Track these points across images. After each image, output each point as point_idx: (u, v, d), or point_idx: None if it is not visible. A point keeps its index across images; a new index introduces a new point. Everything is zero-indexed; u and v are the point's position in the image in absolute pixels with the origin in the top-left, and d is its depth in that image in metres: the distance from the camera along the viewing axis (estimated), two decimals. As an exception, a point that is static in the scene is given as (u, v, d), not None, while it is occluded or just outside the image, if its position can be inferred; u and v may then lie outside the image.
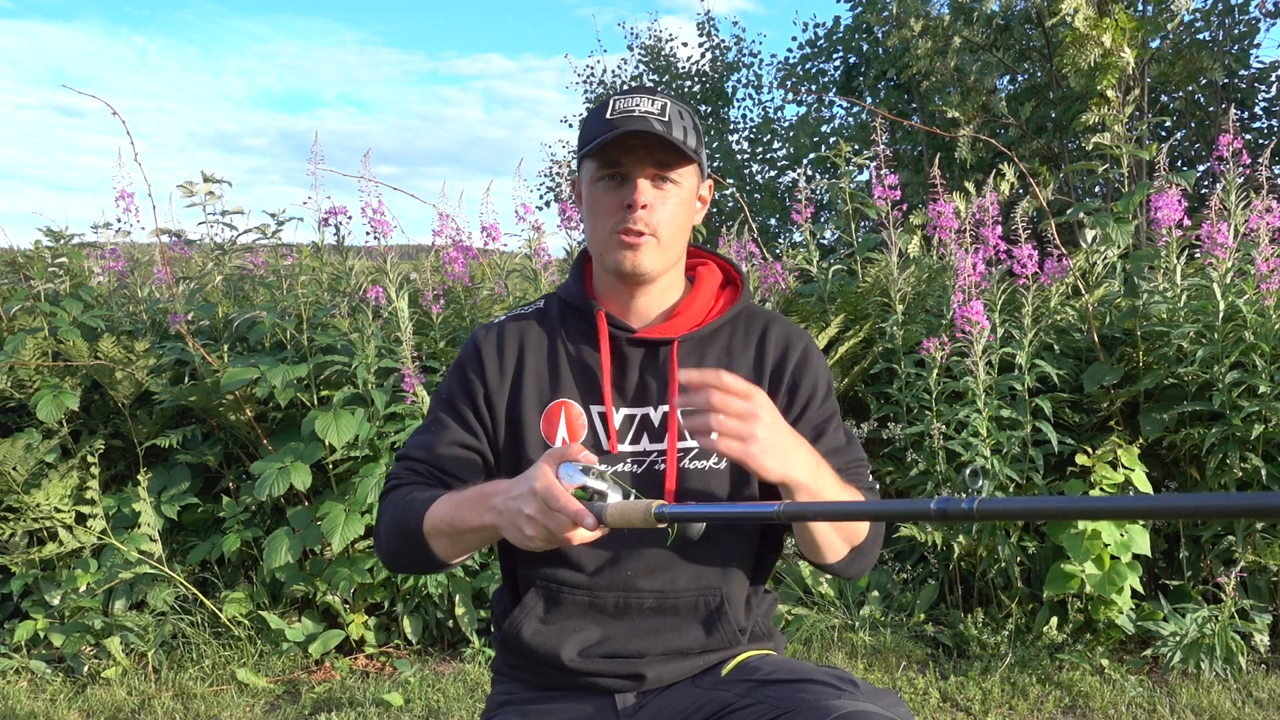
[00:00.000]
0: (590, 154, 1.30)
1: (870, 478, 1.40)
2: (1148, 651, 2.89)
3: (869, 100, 8.46)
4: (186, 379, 3.38)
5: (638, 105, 1.29)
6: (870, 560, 1.34)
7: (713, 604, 1.33)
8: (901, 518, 0.90)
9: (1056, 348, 3.28)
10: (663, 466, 1.32)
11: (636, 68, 11.49)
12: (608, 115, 1.29)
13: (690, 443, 1.32)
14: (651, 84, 11.30)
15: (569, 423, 1.34)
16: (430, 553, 1.25)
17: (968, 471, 0.91)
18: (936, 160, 3.54)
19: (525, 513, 1.09)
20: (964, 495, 0.86)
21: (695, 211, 1.38)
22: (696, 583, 1.33)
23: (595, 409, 1.34)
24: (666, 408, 1.33)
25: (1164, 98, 7.24)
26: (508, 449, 1.36)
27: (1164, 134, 7.00)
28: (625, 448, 1.33)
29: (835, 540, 1.27)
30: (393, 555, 1.34)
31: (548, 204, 11.42)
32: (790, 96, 10.46)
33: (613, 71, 11.58)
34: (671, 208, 1.31)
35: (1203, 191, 6.20)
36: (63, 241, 4.01)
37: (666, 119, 1.28)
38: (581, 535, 1.09)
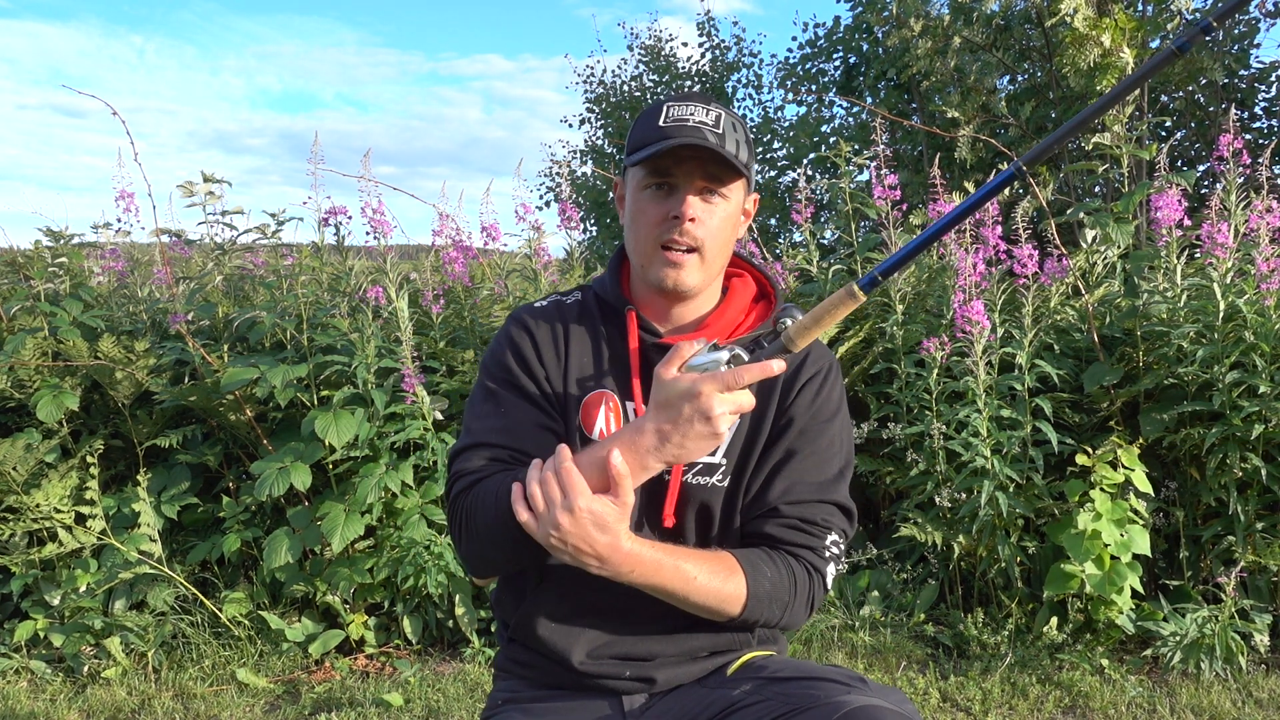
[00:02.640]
0: (639, 160, 1.28)
1: (829, 538, 1.29)
2: (1148, 651, 2.89)
3: (869, 100, 8.45)
4: (186, 379, 3.38)
5: (692, 114, 1.26)
6: (791, 618, 1.27)
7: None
8: (1146, 75, 0.90)
9: (1056, 348, 3.28)
10: (668, 478, 1.30)
11: (636, 68, 11.48)
12: (660, 122, 1.27)
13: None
14: (652, 84, 11.29)
15: (608, 413, 1.32)
16: None
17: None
18: (936, 160, 3.54)
19: (716, 415, 1.06)
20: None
21: (739, 225, 1.36)
22: None
23: (629, 404, 1.33)
24: None
25: (1164, 98, 7.24)
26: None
27: (1164, 134, 6.99)
28: None
29: (691, 609, 1.22)
30: (498, 546, 1.21)
31: (547, 204, 11.42)
32: (790, 96, 10.46)
33: (613, 72, 11.57)
34: (718, 222, 1.29)
35: (1203, 191, 6.19)
36: (63, 241, 4.01)
37: (720, 131, 1.26)
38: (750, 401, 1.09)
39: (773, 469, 1.31)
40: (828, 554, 1.29)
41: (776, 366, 1.05)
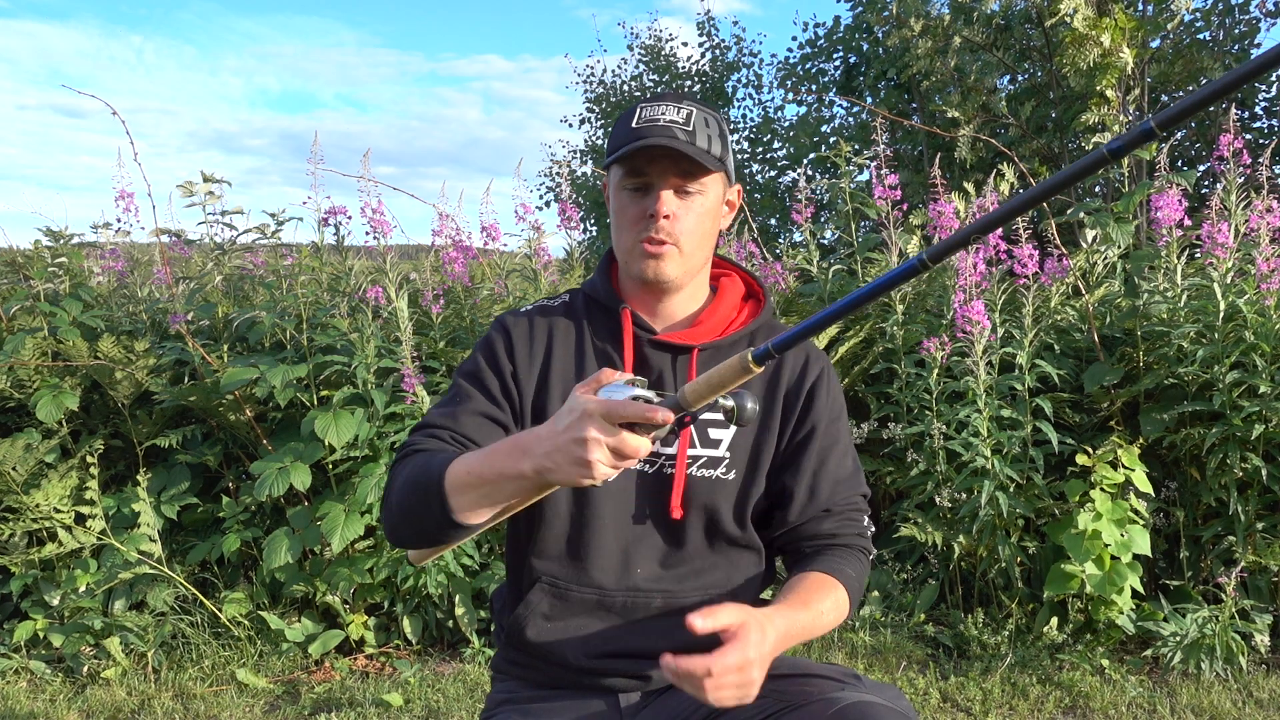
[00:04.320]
0: (616, 161, 1.32)
1: (866, 521, 1.39)
2: (1148, 652, 2.89)
3: (869, 100, 8.45)
4: (186, 379, 3.37)
5: (663, 114, 1.30)
6: (857, 602, 1.35)
7: (718, 604, 1.34)
8: (1076, 177, 0.87)
9: (1057, 348, 3.28)
10: (672, 472, 1.32)
11: (636, 68, 11.50)
12: (633, 124, 1.31)
13: (699, 450, 1.33)
14: (652, 84, 11.30)
15: None
16: (447, 510, 1.14)
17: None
18: (936, 160, 3.54)
19: (586, 437, 1.00)
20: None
21: (721, 217, 1.40)
22: (702, 583, 1.34)
23: None
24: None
25: (1164, 97, 7.24)
26: None
27: (1164, 134, 6.99)
28: None
29: (828, 626, 1.28)
30: (403, 515, 1.22)
31: (547, 204, 11.44)
32: (790, 96, 10.47)
33: (613, 72, 11.58)
34: (695, 217, 1.32)
35: (1203, 191, 6.20)
36: (62, 241, 4.01)
37: (691, 128, 1.29)
38: (645, 447, 1.03)
39: (814, 473, 1.36)
40: (868, 535, 1.39)
41: (660, 416, 1.00)
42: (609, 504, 1.32)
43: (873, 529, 1.41)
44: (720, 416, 1.35)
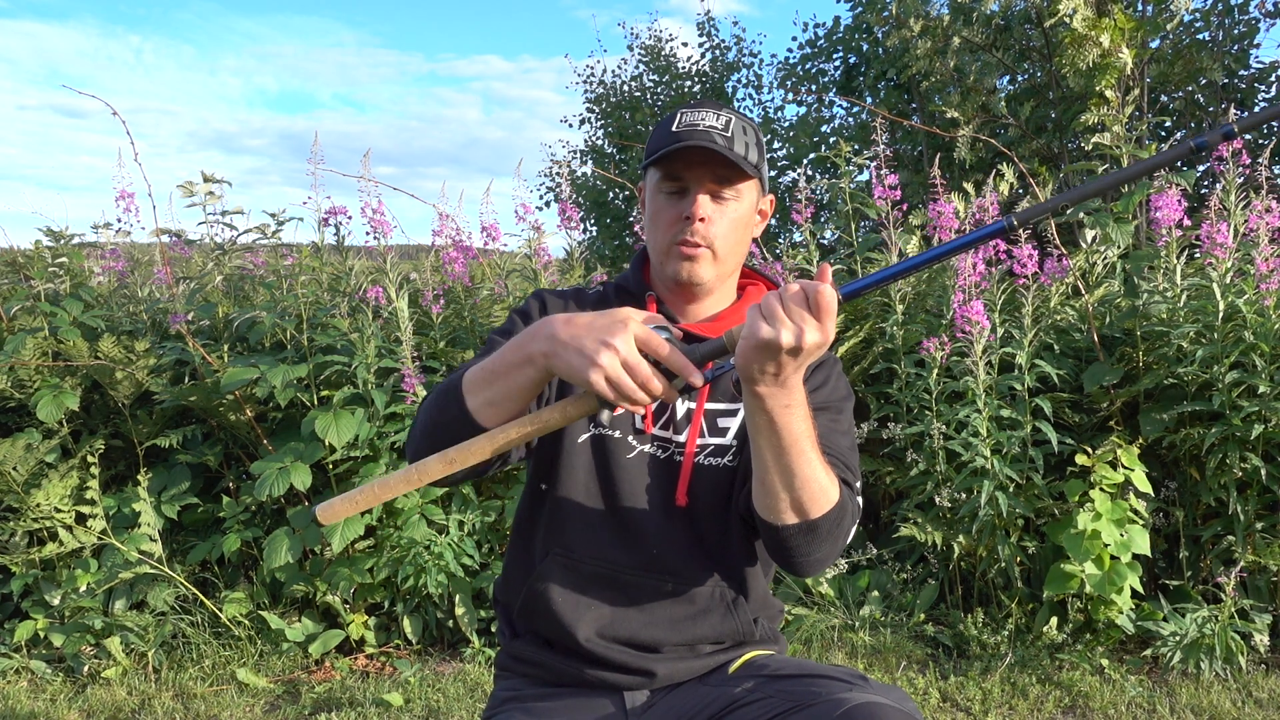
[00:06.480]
0: (654, 164, 1.34)
1: (858, 487, 1.30)
2: (1148, 651, 2.89)
3: (869, 100, 8.45)
4: (186, 379, 3.38)
5: (703, 119, 1.32)
6: (827, 552, 1.22)
7: (729, 595, 1.37)
8: (1161, 164, 1.00)
9: (1056, 348, 3.28)
10: (680, 458, 1.35)
11: (636, 68, 11.48)
12: (674, 128, 1.33)
13: (707, 439, 1.36)
14: (652, 84, 11.29)
15: None
16: (464, 409, 1.17)
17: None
18: (936, 160, 3.54)
19: (611, 342, 1.05)
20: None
21: (754, 225, 1.41)
22: (711, 570, 1.36)
23: None
24: (693, 405, 1.37)
25: (1164, 98, 7.23)
26: (553, 401, 1.35)
27: (1164, 134, 7.00)
28: (654, 431, 1.38)
29: (782, 493, 1.16)
30: (423, 430, 1.24)
31: (547, 204, 11.41)
32: (790, 96, 10.46)
33: (613, 72, 11.57)
34: (729, 222, 1.34)
35: (1203, 191, 6.19)
36: (63, 241, 4.01)
37: (729, 134, 1.31)
38: (658, 389, 1.05)
39: None
40: (858, 496, 1.30)
41: (696, 380, 1.06)
42: (623, 485, 1.34)
43: (859, 502, 1.31)
44: (729, 406, 1.37)
